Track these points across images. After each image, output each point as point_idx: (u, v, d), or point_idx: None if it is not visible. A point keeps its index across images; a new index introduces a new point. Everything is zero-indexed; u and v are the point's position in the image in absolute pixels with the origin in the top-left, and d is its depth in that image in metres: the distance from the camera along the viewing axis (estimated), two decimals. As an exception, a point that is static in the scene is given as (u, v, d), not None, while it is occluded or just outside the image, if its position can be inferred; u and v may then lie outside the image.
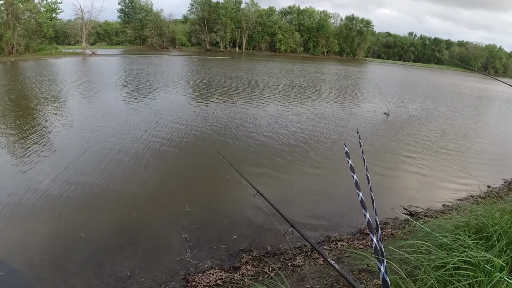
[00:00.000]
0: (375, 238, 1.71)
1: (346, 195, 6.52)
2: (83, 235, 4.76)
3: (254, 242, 4.82)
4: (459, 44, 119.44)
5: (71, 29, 59.48)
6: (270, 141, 9.84)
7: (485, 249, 2.62)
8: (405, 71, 66.24)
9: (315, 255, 4.38)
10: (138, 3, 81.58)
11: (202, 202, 6.03)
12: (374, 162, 8.66)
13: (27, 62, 35.72)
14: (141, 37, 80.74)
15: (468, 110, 20.28)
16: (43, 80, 20.38)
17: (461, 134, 12.96)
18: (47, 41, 49.71)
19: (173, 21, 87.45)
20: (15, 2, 42.13)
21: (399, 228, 5.18)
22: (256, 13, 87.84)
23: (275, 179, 7.27)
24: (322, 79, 31.51)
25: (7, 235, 4.83)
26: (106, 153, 8.05)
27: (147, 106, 13.87)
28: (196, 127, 10.90)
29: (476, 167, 9.17)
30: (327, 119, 13.51)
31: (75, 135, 9.50)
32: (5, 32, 41.15)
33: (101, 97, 15.80)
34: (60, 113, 11.95)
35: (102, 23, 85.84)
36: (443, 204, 6.40)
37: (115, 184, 6.48)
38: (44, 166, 7.17)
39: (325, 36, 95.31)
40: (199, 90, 19.34)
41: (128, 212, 5.47)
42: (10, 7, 41.69)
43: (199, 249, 4.60)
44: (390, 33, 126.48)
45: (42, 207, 5.51)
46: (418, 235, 3.29)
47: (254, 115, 13.13)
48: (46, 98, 14.69)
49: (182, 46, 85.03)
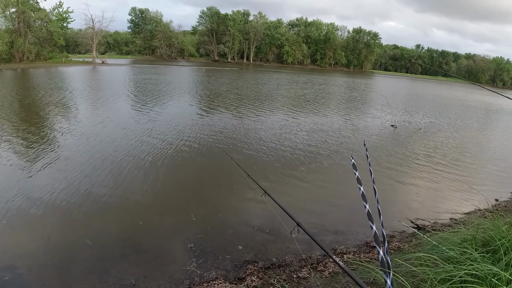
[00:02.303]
0: (382, 250, 1.71)
1: (353, 207, 6.48)
2: (89, 242, 4.79)
3: (260, 253, 4.80)
4: (467, 57, 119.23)
5: (82, 38, 60.69)
6: (276, 152, 9.85)
7: (492, 263, 2.60)
8: (412, 84, 66.15)
9: (321, 267, 4.35)
10: (148, 14, 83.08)
11: (207, 211, 6.04)
12: (381, 175, 8.62)
13: (38, 69, 36.40)
14: (151, 47, 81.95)
15: (476, 123, 20.15)
16: (53, 87, 20.71)
17: (469, 147, 12.86)
18: (57, 50, 50.76)
19: (182, 32, 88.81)
20: (27, 11, 43.14)
21: (406, 241, 5.13)
22: (264, 25, 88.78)
23: (280, 190, 7.25)
24: (329, 91, 31.61)
25: (13, 240, 4.88)
26: (113, 161, 8.12)
27: (154, 115, 14.01)
28: (204, 136, 10.96)
29: (483, 180, 9.08)
30: (334, 131, 13.51)
31: (83, 142, 9.60)
32: (17, 39, 42.09)
33: (110, 105, 16.01)
34: (69, 121, 12.11)
35: (112, 33, 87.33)
36: (451, 218, 6.33)
37: (122, 192, 6.53)
38: (51, 172, 7.25)
39: (332, 48, 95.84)
40: (206, 100, 19.50)
41: (134, 220, 5.50)
42: (22, 15, 42.73)
43: (204, 259, 4.59)
44: (397, 46, 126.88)
45: (48, 214, 5.56)
46: (425, 248, 3.27)
47: (261, 126, 13.19)
48: (56, 105, 14.90)
49: (191, 57, 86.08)
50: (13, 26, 43.43)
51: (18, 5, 42.71)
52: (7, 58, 40.87)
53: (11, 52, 41.75)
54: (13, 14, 43.39)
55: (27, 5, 43.58)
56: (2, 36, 40.07)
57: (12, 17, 43.43)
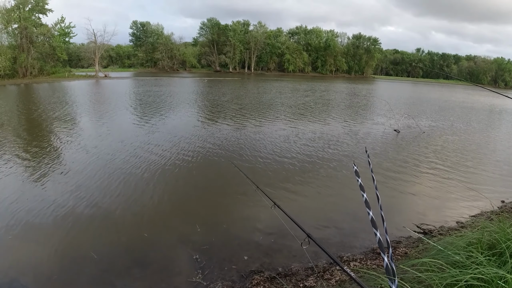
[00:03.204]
0: (386, 257, 1.71)
1: (358, 214, 6.45)
2: (94, 254, 4.80)
3: (265, 263, 4.79)
4: (467, 59, 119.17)
5: (84, 53, 61.44)
6: (279, 160, 9.86)
7: (497, 266, 2.58)
8: (414, 87, 66.11)
9: (327, 276, 4.33)
10: (149, 27, 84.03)
11: (212, 222, 6.04)
12: (385, 180, 8.58)
13: (41, 84, 36.81)
14: (152, 59, 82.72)
15: (479, 125, 20.05)
16: (56, 101, 20.91)
17: (473, 150, 12.79)
18: (60, 64, 51.40)
19: (183, 43, 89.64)
20: (29, 26, 43.79)
21: (412, 247, 5.09)
22: (264, 35, 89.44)
23: (284, 198, 7.24)
24: (330, 98, 31.68)
25: (19, 252, 4.91)
26: (118, 174, 8.16)
27: (157, 127, 14.10)
28: (208, 146, 11.01)
29: (489, 182, 9.00)
30: (336, 137, 13.51)
31: (87, 155, 9.66)
32: (19, 55, 42.67)
33: (113, 118, 16.13)
34: (72, 134, 12.21)
35: (115, 47, 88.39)
36: (457, 221, 6.28)
37: (126, 204, 6.54)
38: (56, 186, 7.29)
39: (332, 55, 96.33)
40: (208, 111, 19.62)
41: (139, 232, 5.51)
42: (24, 30, 43.40)
43: (210, 270, 4.58)
44: (397, 50, 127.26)
45: (54, 226, 5.58)
46: (431, 253, 3.25)
47: (264, 135, 13.23)
48: (59, 119, 15.04)
49: (192, 68, 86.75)
50: (16, 42, 44.11)
51: (20, 21, 43.44)
52: (11, 73, 41.40)
53: (14, 67, 42.29)
54: (16, 30, 44.12)
55: (29, 21, 44.28)
56: (5, 52, 40.64)
57: (14, 33, 44.14)
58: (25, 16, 43.98)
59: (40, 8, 46.22)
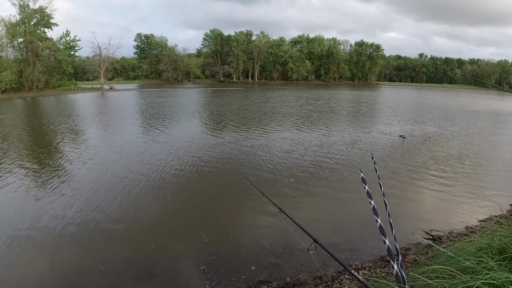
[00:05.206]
0: (396, 265, 1.69)
1: (366, 221, 6.39)
2: (102, 267, 4.79)
3: (273, 273, 4.75)
4: (471, 62, 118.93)
5: (90, 66, 62.31)
6: (285, 167, 9.83)
7: (509, 270, 2.54)
8: (419, 93, 65.94)
9: (336, 285, 4.28)
10: (153, 39, 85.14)
11: (219, 232, 6.01)
12: (392, 187, 8.51)
13: (47, 97, 37.25)
14: (157, 71, 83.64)
15: (486, 128, 19.87)
16: (62, 114, 21.13)
17: (480, 153, 12.66)
18: (66, 77, 52.14)
19: (187, 55, 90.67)
20: (35, 40, 44.54)
21: (422, 253, 5.03)
22: (267, 44, 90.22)
23: (291, 205, 7.20)
24: (334, 105, 31.69)
25: (26, 265, 4.91)
26: (124, 185, 8.18)
27: (163, 136, 14.17)
28: (213, 155, 11.03)
29: (497, 187, 8.88)
30: (342, 144, 13.48)
31: (94, 167, 9.71)
32: (25, 68, 43.34)
33: (119, 129, 16.25)
34: (78, 146, 12.30)
35: (119, 59, 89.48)
36: (466, 226, 6.20)
37: (133, 216, 6.55)
38: (62, 198, 7.32)
39: (335, 62, 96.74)
40: (213, 120, 19.70)
41: (146, 243, 5.50)
42: (30, 44, 44.17)
43: (217, 280, 4.55)
44: (400, 56, 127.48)
45: (61, 239, 5.58)
46: (441, 259, 3.21)
47: (270, 142, 13.23)
48: (65, 131, 15.17)
49: (197, 79, 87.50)
50: (22, 55, 44.91)
51: (26, 35, 44.24)
52: (17, 87, 42.02)
53: (20, 81, 42.97)
54: (21, 44, 44.92)
55: (34, 35, 45.10)
56: (11, 65, 41.32)
57: (20, 47, 44.98)
58: (31, 30, 44.82)
59: (45, 22, 47.12)
